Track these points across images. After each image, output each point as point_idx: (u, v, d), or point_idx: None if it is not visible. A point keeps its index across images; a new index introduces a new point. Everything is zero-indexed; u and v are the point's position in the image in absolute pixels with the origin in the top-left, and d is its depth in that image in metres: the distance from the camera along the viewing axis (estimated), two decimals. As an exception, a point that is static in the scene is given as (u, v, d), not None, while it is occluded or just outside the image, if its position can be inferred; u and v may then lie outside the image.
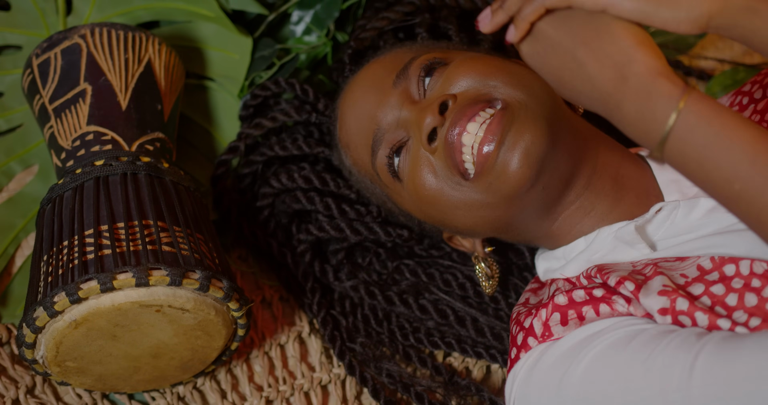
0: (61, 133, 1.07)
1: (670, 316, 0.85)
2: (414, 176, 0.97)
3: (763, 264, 0.85)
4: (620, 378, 0.83)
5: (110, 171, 1.02)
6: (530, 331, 0.93)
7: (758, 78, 1.07)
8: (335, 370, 1.14)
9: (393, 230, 1.13)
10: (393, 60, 1.04)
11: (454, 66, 0.98)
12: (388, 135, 1.00)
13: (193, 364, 1.05)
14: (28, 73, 1.12)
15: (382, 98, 1.01)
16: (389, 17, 1.20)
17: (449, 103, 0.95)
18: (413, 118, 0.97)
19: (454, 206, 0.96)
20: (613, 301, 0.90)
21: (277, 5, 1.28)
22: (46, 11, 1.25)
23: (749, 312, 0.82)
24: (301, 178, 1.14)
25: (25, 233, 1.17)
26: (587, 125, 1.02)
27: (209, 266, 0.98)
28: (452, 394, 1.10)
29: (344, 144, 1.07)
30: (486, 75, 0.96)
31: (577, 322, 0.91)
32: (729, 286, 0.85)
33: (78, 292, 0.93)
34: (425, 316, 1.14)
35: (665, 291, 0.86)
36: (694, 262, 0.89)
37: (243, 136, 1.19)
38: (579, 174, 0.97)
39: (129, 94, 1.09)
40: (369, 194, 1.10)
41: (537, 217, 0.98)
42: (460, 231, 1.02)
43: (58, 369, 0.99)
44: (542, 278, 1.04)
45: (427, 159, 0.96)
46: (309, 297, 1.16)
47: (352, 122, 1.04)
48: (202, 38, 1.26)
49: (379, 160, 1.00)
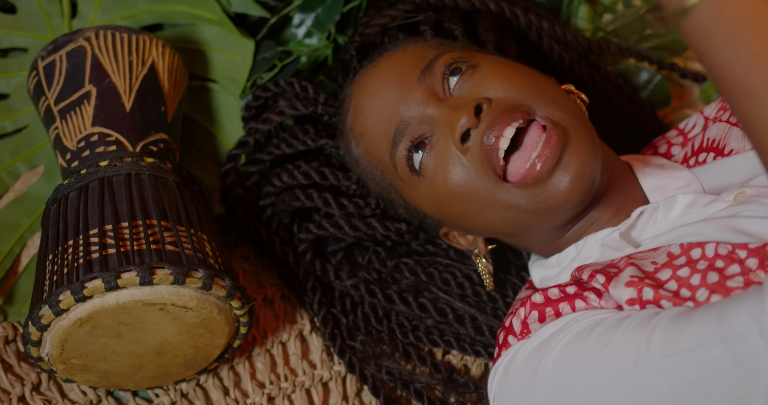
0: (66, 135, 1.07)
1: (638, 305, 0.86)
2: (444, 173, 0.96)
3: (728, 246, 0.85)
4: (583, 365, 0.84)
5: (114, 171, 1.02)
6: (510, 330, 0.94)
7: None
8: (336, 367, 1.14)
9: (391, 224, 1.12)
10: (414, 54, 1.03)
11: (488, 71, 0.98)
12: (410, 129, 0.99)
13: (197, 361, 1.05)
14: (33, 75, 1.13)
15: (405, 92, 1.00)
16: (392, 14, 1.20)
17: (483, 107, 0.94)
18: (443, 116, 0.97)
19: (487, 205, 0.96)
20: (585, 297, 0.91)
21: (278, 8, 1.28)
22: (51, 14, 1.25)
23: (710, 289, 0.83)
24: (300, 174, 1.14)
25: (31, 233, 1.17)
26: (605, 149, 1.02)
27: (212, 265, 0.99)
28: (451, 391, 1.11)
29: (358, 134, 1.06)
30: (523, 88, 0.96)
31: (554, 319, 0.92)
32: (694, 267, 0.85)
33: (83, 291, 0.93)
34: (424, 314, 1.15)
35: (632, 281, 0.87)
36: (665, 250, 0.90)
37: (252, 130, 1.19)
38: (605, 191, 0.98)
39: (133, 96, 1.09)
40: (372, 185, 1.09)
41: (557, 228, 0.99)
42: (474, 229, 1.02)
43: (64, 366, 1.00)
44: (537, 286, 1.04)
45: (458, 157, 0.95)
46: (310, 295, 1.16)
47: (370, 113, 1.03)
48: (205, 41, 1.26)
49: (400, 154, 1.00)
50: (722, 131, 1.02)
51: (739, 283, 0.82)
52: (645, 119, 1.29)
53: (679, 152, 1.09)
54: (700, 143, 1.05)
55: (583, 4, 1.34)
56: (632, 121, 1.29)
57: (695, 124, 1.11)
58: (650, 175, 1.02)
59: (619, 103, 1.28)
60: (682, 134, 1.12)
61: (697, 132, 1.10)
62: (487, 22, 1.20)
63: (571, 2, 1.34)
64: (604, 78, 1.28)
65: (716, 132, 1.03)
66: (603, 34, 1.34)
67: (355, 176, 1.12)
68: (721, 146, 1.02)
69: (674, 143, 1.12)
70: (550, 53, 1.24)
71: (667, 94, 1.34)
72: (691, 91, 1.39)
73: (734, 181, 0.97)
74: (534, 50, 1.26)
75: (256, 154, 1.19)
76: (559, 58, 1.24)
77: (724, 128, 1.02)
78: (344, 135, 1.09)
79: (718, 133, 1.03)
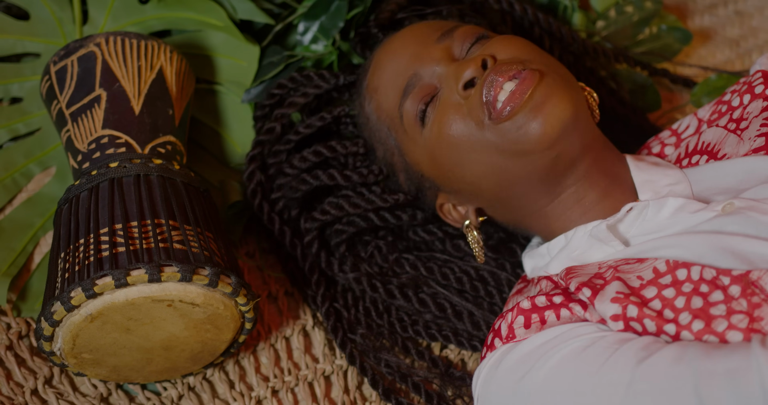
0: (77, 137, 1.08)
1: (621, 321, 0.87)
2: (440, 119, 0.99)
3: (712, 270, 0.86)
4: (573, 384, 0.86)
5: (124, 172, 1.02)
6: (497, 333, 0.95)
7: (737, 86, 1.07)
8: (338, 361, 1.15)
9: (389, 196, 1.12)
10: (437, 23, 1.07)
11: (498, 39, 1.02)
12: (423, 82, 1.01)
13: (203, 356, 1.06)
14: (46, 79, 1.13)
15: (423, 50, 1.03)
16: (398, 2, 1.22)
17: (488, 62, 0.97)
18: (452, 71, 1.00)
19: (472, 149, 0.97)
20: (571, 308, 0.92)
21: (283, 16, 1.28)
22: (63, 21, 1.25)
23: (693, 314, 0.84)
24: (311, 154, 1.14)
25: (44, 232, 1.17)
26: (594, 126, 1.03)
27: (218, 263, 0.99)
28: (448, 384, 1.11)
29: (372, 88, 1.08)
30: (526, 51, 1.00)
31: (539, 326, 0.93)
32: (679, 289, 0.86)
33: (94, 288, 0.93)
34: (424, 309, 1.15)
35: (618, 298, 0.87)
36: (651, 264, 0.90)
37: (279, 115, 1.18)
38: (583, 159, 0.98)
39: (142, 100, 1.09)
40: (378, 146, 1.10)
41: (537, 189, 0.99)
42: (464, 183, 1.02)
43: (75, 360, 1.00)
44: (529, 276, 1.05)
45: (457, 103, 0.98)
46: (314, 289, 1.16)
47: (387, 66, 1.06)
48: (212, 46, 1.26)
49: (408, 104, 1.02)
50: (718, 136, 1.02)
51: (721, 312, 0.82)
52: (637, 122, 1.29)
53: (672, 153, 1.09)
54: (694, 146, 1.05)
55: (577, 11, 1.34)
56: (625, 123, 1.29)
57: (689, 126, 1.11)
58: (642, 169, 1.02)
59: (612, 105, 1.29)
60: (675, 135, 1.12)
61: (691, 133, 1.10)
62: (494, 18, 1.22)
63: (566, 9, 1.34)
64: (599, 82, 1.29)
65: (712, 136, 1.03)
66: (597, 39, 1.35)
67: (362, 141, 1.13)
68: (715, 150, 1.02)
69: (667, 143, 1.12)
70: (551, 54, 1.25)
71: (658, 98, 1.34)
72: (681, 95, 1.40)
73: (723, 185, 0.97)
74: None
75: (275, 146, 1.18)
76: (559, 60, 1.25)
77: (720, 134, 1.03)
78: (360, 93, 1.11)
79: (714, 138, 1.03)
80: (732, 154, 0.99)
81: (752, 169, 0.96)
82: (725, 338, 0.81)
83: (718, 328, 0.82)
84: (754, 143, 0.97)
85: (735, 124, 1.02)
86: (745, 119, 1.01)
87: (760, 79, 1.04)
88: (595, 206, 1.00)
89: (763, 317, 0.81)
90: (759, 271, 0.83)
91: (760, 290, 0.82)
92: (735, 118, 1.03)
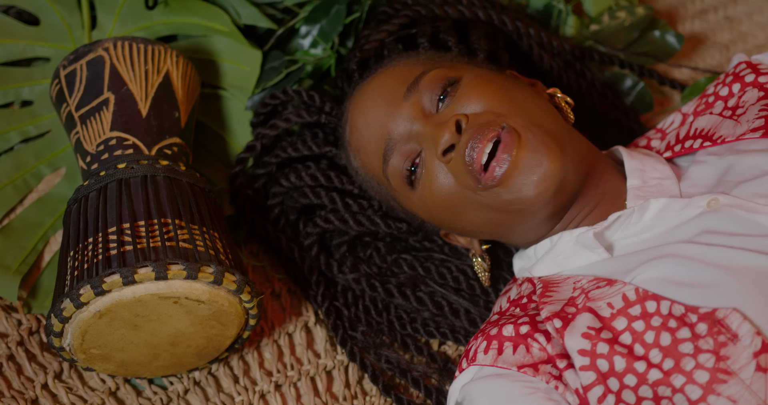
0: (86, 139, 1.08)
1: (588, 357, 0.86)
2: (431, 184, 0.97)
3: (681, 307, 0.84)
4: None
5: (131, 173, 1.03)
6: (466, 353, 0.96)
7: (719, 80, 1.07)
8: (339, 356, 1.15)
9: (393, 223, 1.13)
10: (402, 72, 1.03)
11: (465, 88, 0.98)
12: (399, 145, 0.99)
13: (208, 351, 1.06)
14: (56, 83, 1.13)
15: (392, 110, 1.00)
16: (388, 30, 1.20)
17: (462, 123, 0.95)
18: (428, 133, 0.97)
19: (468, 208, 0.96)
20: (530, 344, 0.91)
21: (285, 20, 1.28)
22: (72, 26, 1.26)
23: (663, 352, 0.83)
24: (308, 176, 1.15)
25: (53, 231, 1.17)
26: (583, 139, 1.02)
27: (223, 261, 0.99)
28: (446, 379, 1.11)
29: (354, 148, 1.07)
30: (496, 100, 0.96)
31: (494, 355, 0.92)
32: (648, 323, 0.85)
33: (102, 285, 0.94)
34: (422, 307, 1.15)
35: (588, 334, 0.87)
36: (621, 289, 0.89)
37: (260, 135, 1.19)
38: (581, 189, 0.97)
39: (149, 103, 1.09)
40: (373, 193, 1.11)
41: (538, 227, 0.99)
42: (464, 231, 1.03)
43: (84, 356, 1.00)
44: (516, 275, 1.05)
45: (442, 168, 0.96)
46: (314, 289, 1.17)
47: (363, 130, 1.04)
48: (216, 51, 1.26)
49: (392, 168, 1.00)
50: (713, 122, 1.01)
51: (689, 350, 0.82)
52: (629, 124, 1.29)
53: (659, 144, 1.08)
54: (686, 132, 1.04)
55: (571, 15, 1.35)
56: (617, 125, 1.29)
57: (673, 121, 1.10)
58: (635, 157, 1.01)
59: (604, 108, 1.28)
60: (660, 131, 1.11)
61: (677, 125, 1.09)
62: (480, 31, 1.21)
63: (560, 14, 1.34)
64: (590, 85, 1.29)
65: (706, 122, 1.02)
66: (590, 43, 1.35)
67: (359, 183, 1.13)
68: (710, 134, 1.00)
69: (653, 138, 1.11)
70: (540, 62, 1.25)
71: (650, 100, 1.34)
72: (672, 97, 1.40)
73: (710, 182, 0.97)
74: (525, 59, 1.27)
75: (264, 158, 1.19)
76: (549, 67, 1.25)
77: (715, 120, 1.01)
78: (344, 147, 1.11)
79: (708, 124, 1.02)
80: (728, 135, 0.98)
81: (735, 163, 0.95)
82: (692, 378, 0.81)
83: (686, 367, 0.81)
84: (752, 124, 0.96)
85: (731, 111, 1.01)
86: (741, 107, 1.00)
87: (747, 70, 1.03)
88: (586, 216, 1.00)
89: (729, 356, 0.80)
90: (725, 309, 0.82)
91: (726, 329, 0.81)
92: (730, 106, 1.02)
